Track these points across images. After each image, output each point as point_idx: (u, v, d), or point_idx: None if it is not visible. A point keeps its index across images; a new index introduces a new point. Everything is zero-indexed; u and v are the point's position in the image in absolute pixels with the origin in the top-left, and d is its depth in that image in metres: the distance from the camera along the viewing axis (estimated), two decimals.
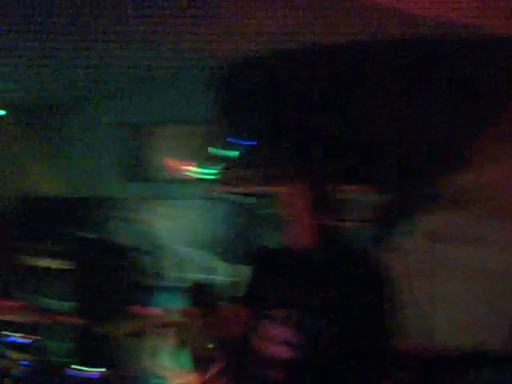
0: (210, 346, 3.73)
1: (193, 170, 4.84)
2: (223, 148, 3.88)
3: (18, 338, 3.39)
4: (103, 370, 3.54)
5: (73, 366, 3.18)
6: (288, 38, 3.33)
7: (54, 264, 4.68)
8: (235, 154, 3.82)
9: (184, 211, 4.68)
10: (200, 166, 4.73)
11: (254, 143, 3.72)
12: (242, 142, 3.79)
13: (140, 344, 4.48)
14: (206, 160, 4.64)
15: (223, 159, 3.87)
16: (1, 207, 5.54)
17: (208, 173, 4.63)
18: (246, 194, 4.15)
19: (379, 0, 2.66)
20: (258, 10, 2.96)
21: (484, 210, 3.39)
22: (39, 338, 3.30)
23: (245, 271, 4.12)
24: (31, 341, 3.34)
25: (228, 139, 3.86)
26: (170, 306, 4.16)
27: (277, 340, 2.24)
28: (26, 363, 3.09)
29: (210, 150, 4.45)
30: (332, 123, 3.35)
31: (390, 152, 3.28)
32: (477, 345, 3.13)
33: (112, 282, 4.85)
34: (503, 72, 3.23)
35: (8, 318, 3.39)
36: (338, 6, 2.77)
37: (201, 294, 3.80)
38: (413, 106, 3.25)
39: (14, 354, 3.39)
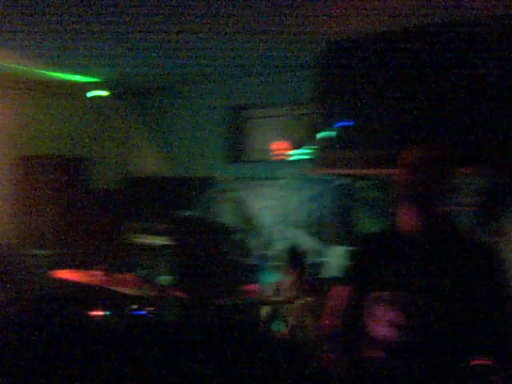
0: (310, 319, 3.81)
1: (293, 151, 4.89)
2: (323, 129, 3.88)
3: (137, 310, 3.56)
4: None
5: None
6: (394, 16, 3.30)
7: (160, 241, 4.86)
8: (336, 134, 3.82)
9: (283, 192, 4.74)
10: (301, 146, 4.77)
11: (357, 124, 3.70)
12: (343, 123, 3.78)
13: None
14: (307, 141, 4.67)
15: (325, 140, 3.88)
16: (111, 188, 5.82)
17: (309, 153, 4.66)
18: (347, 176, 4.16)
19: None
20: None
21: None
22: (156, 310, 3.46)
23: (341, 252, 4.18)
24: (147, 313, 3.50)
25: (328, 120, 3.85)
26: (267, 284, 4.24)
27: (384, 322, 2.27)
28: None
29: (312, 130, 4.48)
30: (443, 103, 3.28)
31: (501, 134, 3.18)
32: None
33: (215, 259, 5.00)
34: None
35: (128, 291, 3.57)
36: None
37: (296, 259, 3.87)
38: None
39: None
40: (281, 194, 4.74)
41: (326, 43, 3.77)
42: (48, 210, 5.08)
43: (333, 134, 3.80)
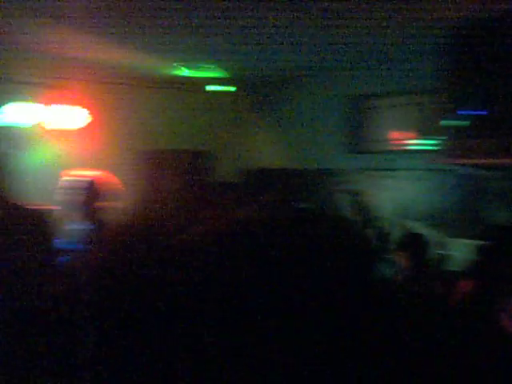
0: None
1: (416, 141, 4.78)
2: (450, 118, 3.76)
3: None
4: None
5: None
6: None
7: None
8: (463, 123, 3.69)
9: (407, 183, 4.64)
10: (423, 136, 4.65)
11: (486, 112, 3.56)
12: (470, 112, 3.65)
13: None
14: (430, 130, 4.55)
15: (449, 129, 3.76)
16: (233, 179, 5.96)
17: (432, 144, 4.54)
18: (476, 166, 4.01)
19: None
20: None
21: None
22: None
23: (468, 245, 4.04)
24: None
25: (455, 109, 3.73)
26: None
27: None
28: None
29: (435, 120, 4.36)
30: None
31: None
32: None
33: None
34: None
35: None
36: None
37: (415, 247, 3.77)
38: None
39: None
40: (404, 185, 4.65)
41: (456, 26, 3.62)
42: (174, 203, 5.27)
43: (460, 123, 3.69)
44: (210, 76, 5.40)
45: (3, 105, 4.95)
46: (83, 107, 5.17)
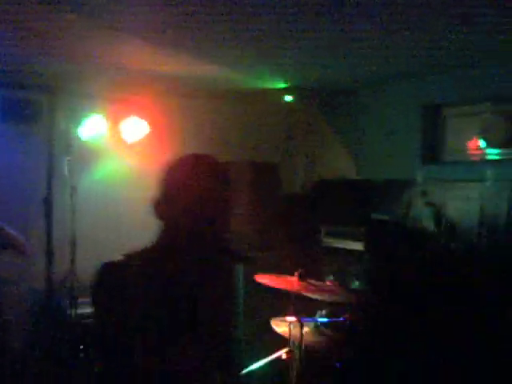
0: None
1: (493, 151, 4.57)
2: None
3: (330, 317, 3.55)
4: None
5: None
6: None
7: (354, 246, 4.83)
8: None
9: (482, 194, 4.41)
10: (501, 145, 4.44)
11: None
12: None
13: None
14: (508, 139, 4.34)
15: None
16: (304, 191, 5.88)
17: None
18: None
19: None
20: None
21: None
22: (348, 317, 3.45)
23: None
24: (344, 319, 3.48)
25: None
26: None
27: None
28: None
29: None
30: None
31: None
32: None
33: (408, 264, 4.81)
34: None
35: (322, 297, 3.55)
36: None
37: None
38: None
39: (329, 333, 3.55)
40: (480, 196, 4.42)
41: None
42: (244, 215, 5.22)
43: None
44: (273, 87, 5.31)
45: (82, 119, 5.12)
46: (149, 119, 5.27)
